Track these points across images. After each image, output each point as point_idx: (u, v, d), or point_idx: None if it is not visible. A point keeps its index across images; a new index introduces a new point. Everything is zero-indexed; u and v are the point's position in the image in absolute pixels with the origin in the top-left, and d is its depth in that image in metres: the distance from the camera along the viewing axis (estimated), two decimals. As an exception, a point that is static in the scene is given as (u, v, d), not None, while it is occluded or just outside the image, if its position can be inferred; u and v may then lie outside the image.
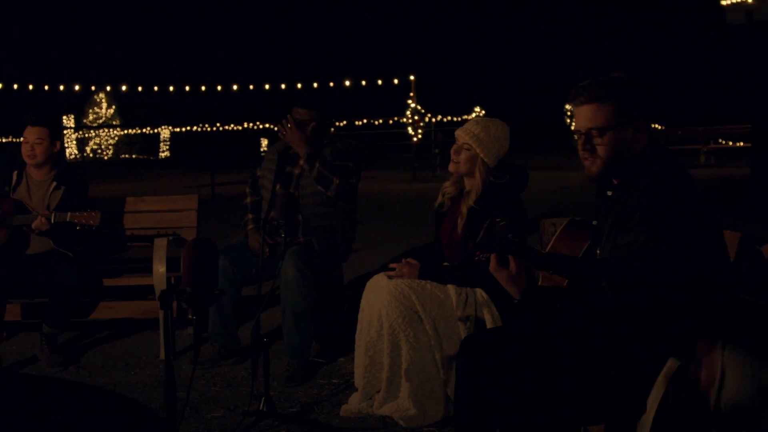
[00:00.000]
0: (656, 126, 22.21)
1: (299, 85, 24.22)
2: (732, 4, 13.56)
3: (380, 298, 4.04)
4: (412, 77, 23.07)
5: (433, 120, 24.45)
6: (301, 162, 4.95)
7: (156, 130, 42.92)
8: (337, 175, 4.89)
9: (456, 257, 4.20)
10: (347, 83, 24.04)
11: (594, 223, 2.90)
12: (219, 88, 25.00)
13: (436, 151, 22.61)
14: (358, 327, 4.22)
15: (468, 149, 4.16)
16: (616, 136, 2.72)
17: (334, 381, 4.69)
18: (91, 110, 47.14)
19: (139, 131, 42.67)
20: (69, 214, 4.96)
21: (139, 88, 26.29)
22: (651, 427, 2.28)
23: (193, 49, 51.38)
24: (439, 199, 4.43)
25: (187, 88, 25.54)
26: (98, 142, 45.42)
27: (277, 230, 3.95)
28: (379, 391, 4.09)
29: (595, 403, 2.64)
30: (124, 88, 25.81)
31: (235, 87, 24.64)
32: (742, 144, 23.29)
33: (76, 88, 24.31)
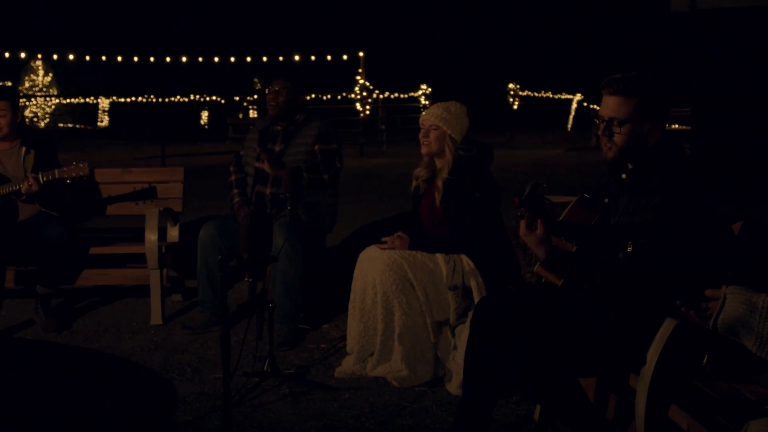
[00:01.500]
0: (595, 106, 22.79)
1: (249, 59, 24.22)
2: (676, -9, 13.99)
3: (374, 267, 4.33)
4: (361, 54, 23.29)
5: (381, 96, 24.69)
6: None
7: (97, 100, 42.17)
8: (324, 172, 5.18)
9: (438, 231, 4.51)
10: (297, 58, 24.18)
11: (606, 201, 3.24)
12: (168, 59, 24.87)
13: (383, 127, 22.88)
14: (352, 295, 4.50)
15: (435, 129, 4.47)
16: (633, 129, 3.03)
17: (322, 346, 4.98)
18: (27, 77, 46.13)
19: (82, 100, 41.84)
20: (56, 170, 5.14)
21: (87, 57, 25.98)
22: (651, 377, 2.64)
23: (140, 19, 50.35)
24: (414, 183, 4.71)
25: (136, 58, 25.31)
26: (34, 110, 44.48)
27: (284, 203, 4.20)
28: (371, 355, 4.41)
29: (594, 357, 3.01)
30: (71, 57, 25.43)
31: (184, 59, 24.53)
32: (677, 126, 24.07)
33: (22, 55, 23.91)
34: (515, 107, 27.58)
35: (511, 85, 27.79)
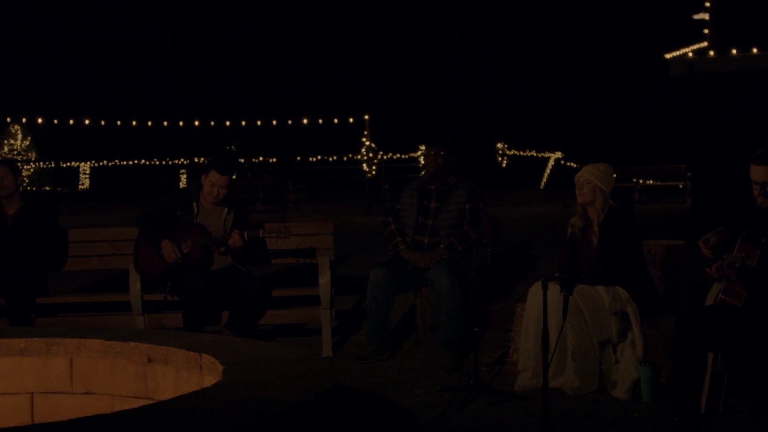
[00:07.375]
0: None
1: (259, 123, 25.25)
2: (675, 57, 15.36)
3: (549, 298, 5.32)
4: (366, 117, 24.48)
5: (384, 157, 25.83)
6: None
7: (77, 164, 42.76)
8: (470, 234, 6.18)
9: (593, 268, 5.54)
10: (305, 121, 25.31)
11: (763, 240, 4.36)
12: (181, 123, 25.81)
13: (387, 186, 23.89)
14: (525, 322, 5.49)
15: (588, 183, 5.54)
16: None
17: (483, 369, 5.90)
18: (6, 141, 46.64)
19: (65, 165, 42.36)
20: (260, 230, 6.05)
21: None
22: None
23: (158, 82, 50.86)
24: (570, 230, 5.75)
25: (150, 123, 26.19)
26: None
27: (485, 247, 5.21)
28: (545, 370, 5.37)
29: None
30: (87, 122, 26.23)
31: (197, 123, 25.44)
32: (655, 182, 25.54)
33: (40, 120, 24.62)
34: (503, 165, 28.94)
35: (499, 145, 29.19)
